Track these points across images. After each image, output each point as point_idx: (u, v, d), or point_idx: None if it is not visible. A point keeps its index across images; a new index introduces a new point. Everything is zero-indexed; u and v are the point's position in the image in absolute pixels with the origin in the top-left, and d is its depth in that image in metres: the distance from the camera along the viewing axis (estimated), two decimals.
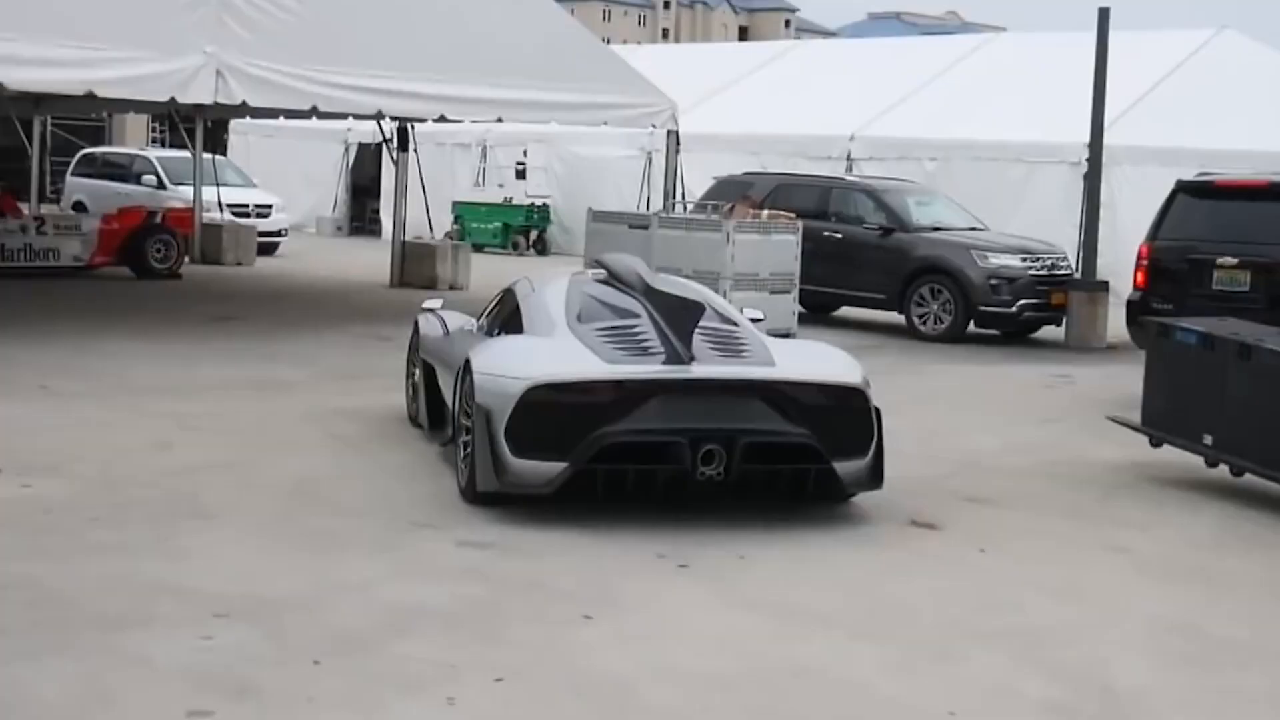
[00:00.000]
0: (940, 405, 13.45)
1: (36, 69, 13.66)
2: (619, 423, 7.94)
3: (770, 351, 8.62)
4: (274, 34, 14.94)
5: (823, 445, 8.20)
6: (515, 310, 9.41)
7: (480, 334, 9.84)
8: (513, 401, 7.98)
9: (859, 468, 8.50)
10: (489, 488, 8.11)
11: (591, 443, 7.89)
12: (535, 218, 31.93)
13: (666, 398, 8.07)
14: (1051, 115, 26.03)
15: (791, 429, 8.18)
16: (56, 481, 8.50)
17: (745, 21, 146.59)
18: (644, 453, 8.02)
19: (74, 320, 16.07)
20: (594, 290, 9.16)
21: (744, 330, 8.93)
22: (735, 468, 8.04)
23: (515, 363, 8.29)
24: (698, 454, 7.95)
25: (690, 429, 7.98)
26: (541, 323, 8.90)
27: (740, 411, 8.16)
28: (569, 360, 8.24)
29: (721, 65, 33.80)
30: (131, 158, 30.11)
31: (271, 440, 10.10)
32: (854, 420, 8.48)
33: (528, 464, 7.99)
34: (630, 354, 8.29)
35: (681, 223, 17.27)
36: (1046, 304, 18.55)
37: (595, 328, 8.59)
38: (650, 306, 8.67)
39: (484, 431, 8.07)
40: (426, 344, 10.61)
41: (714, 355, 8.39)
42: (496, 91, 16.59)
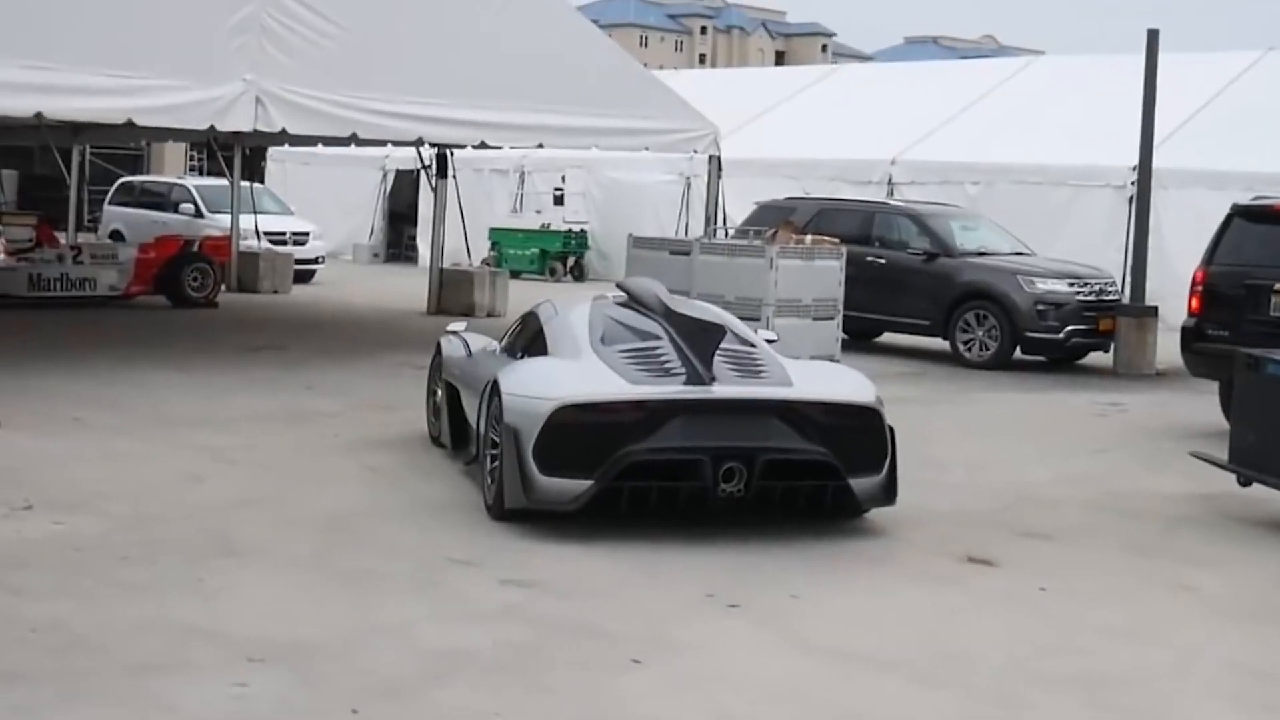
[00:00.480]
0: (989, 435, 13.13)
1: (76, 98, 13.51)
2: (643, 441, 8.19)
3: (787, 372, 8.87)
4: (314, 60, 14.77)
5: (839, 462, 8.44)
6: (539, 333, 9.62)
7: (503, 356, 10.01)
8: (540, 421, 8.20)
9: (874, 484, 8.74)
10: (516, 505, 8.30)
11: (616, 461, 8.13)
12: (573, 244, 31.75)
13: (688, 417, 8.32)
14: (1095, 138, 25.74)
15: (809, 447, 8.42)
16: (87, 518, 8.29)
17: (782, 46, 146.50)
18: (667, 470, 8.28)
19: (109, 350, 15.90)
20: (615, 313, 9.40)
21: (761, 351, 9.16)
22: (755, 484, 8.29)
23: (542, 384, 8.53)
24: (719, 471, 8.21)
25: (711, 447, 8.23)
26: (566, 345, 9.11)
27: (759, 430, 8.40)
28: (594, 381, 8.47)
29: (760, 90, 33.60)
30: (169, 186, 30.06)
31: (306, 473, 9.87)
32: (868, 438, 8.74)
33: (555, 482, 8.21)
34: (652, 375, 8.52)
35: (724, 249, 16.99)
36: (1094, 330, 18.20)
37: (618, 349, 8.80)
38: (670, 328, 8.92)
39: (512, 450, 8.27)
40: (449, 365, 10.82)
41: (733, 376, 8.63)
42: (537, 117, 16.38)
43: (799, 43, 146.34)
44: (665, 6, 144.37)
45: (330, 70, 14.83)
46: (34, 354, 15.22)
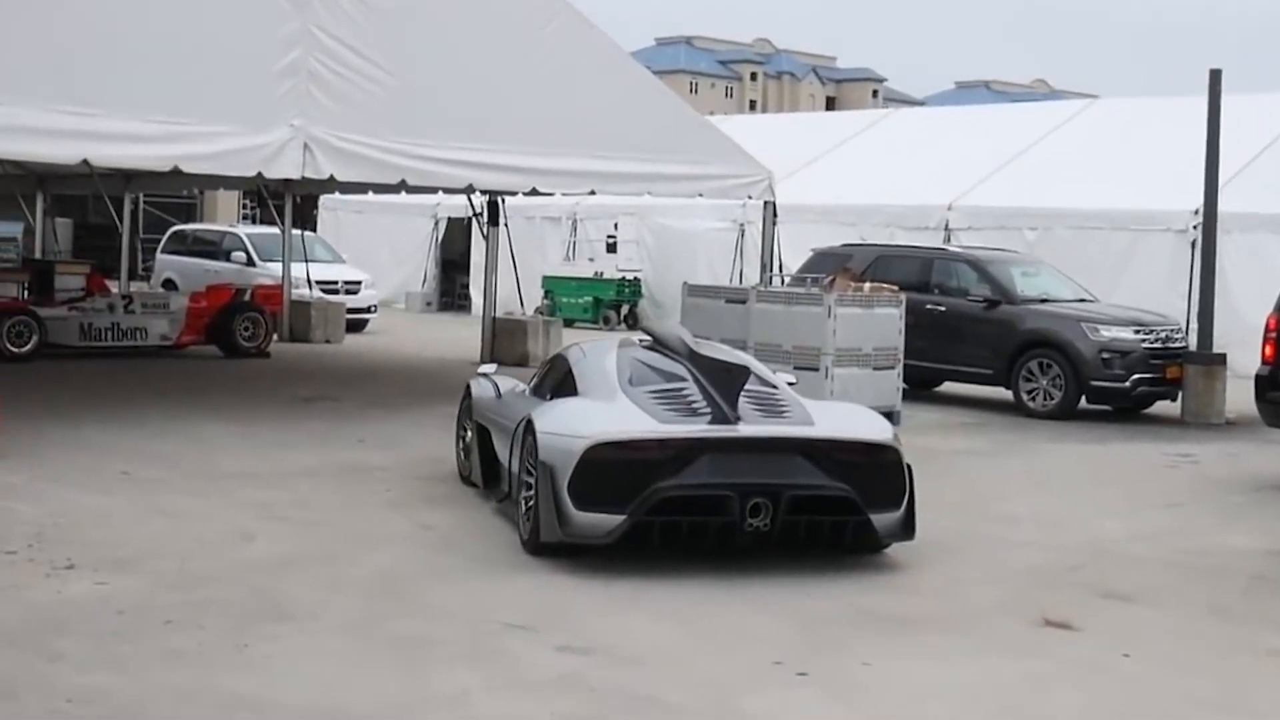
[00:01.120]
0: (1057, 488, 12.76)
1: (122, 145, 13.33)
2: (673, 478, 8.53)
3: (808, 411, 9.25)
4: (363, 106, 14.56)
5: (860, 498, 8.75)
6: (568, 375, 10.02)
7: (532, 397, 10.42)
8: (575, 458, 8.54)
9: (893, 519, 9.02)
10: (552, 539, 8.63)
11: (648, 496, 8.46)
12: (626, 292, 31.51)
13: (716, 455, 8.68)
14: (1155, 182, 25.34)
15: (831, 483, 8.75)
16: (132, 578, 8.05)
17: (833, 92, 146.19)
18: (696, 505, 8.61)
19: (159, 402, 15.73)
20: (641, 356, 9.86)
21: (783, 392, 9.59)
22: (780, 520, 8.62)
23: (576, 422, 8.88)
24: (745, 507, 8.53)
25: (738, 483, 8.56)
26: (596, 386, 9.50)
27: (784, 467, 8.75)
28: (626, 420, 8.83)
29: (813, 135, 33.29)
30: (221, 234, 30.04)
31: (357, 531, 9.61)
32: (888, 475, 9.03)
33: (589, 516, 8.53)
34: (680, 414, 8.90)
35: (781, 296, 16.68)
36: (1161, 378, 17.79)
37: (646, 390, 9.21)
38: (695, 370, 9.33)
39: (548, 486, 8.62)
40: (479, 406, 11.19)
41: (757, 415, 9.02)
42: (589, 163, 16.13)
43: (850, 88, 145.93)
44: (716, 53, 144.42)
45: (379, 116, 14.62)
46: (84, 405, 15.07)
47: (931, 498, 11.62)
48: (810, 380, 15.55)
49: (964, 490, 12.29)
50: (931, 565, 9.21)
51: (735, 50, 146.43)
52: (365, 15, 14.69)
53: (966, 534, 10.29)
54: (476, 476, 11.07)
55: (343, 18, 14.56)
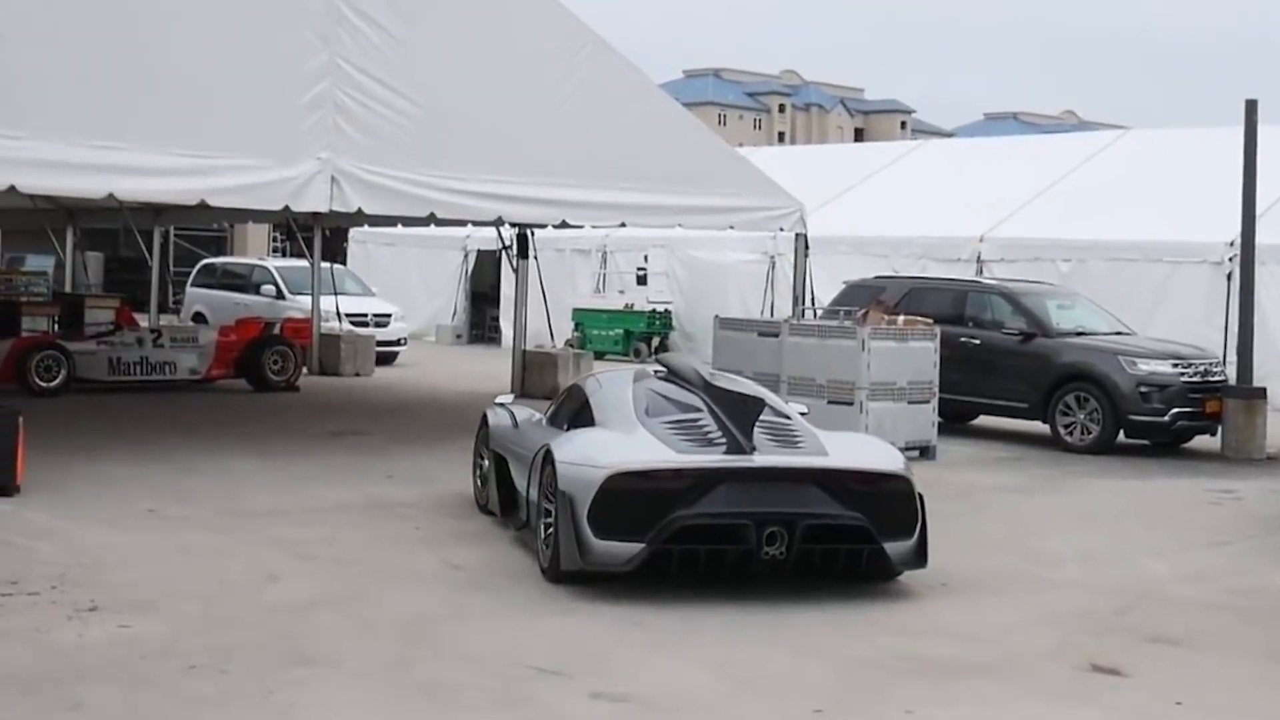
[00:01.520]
0: (1098, 525, 12.49)
1: (148, 179, 13.20)
2: (691, 507, 8.66)
3: (822, 442, 9.38)
4: (390, 138, 14.42)
5: (874, 527, 8.88)
6: (584, 405, 10.18)
7: (549, 427, 10.55)
8: (595, 488, 8.69)
9: (906, 548, 9.12)
10: (572, 567, 8.77)
11: (667, 525, 8.60)
12: (657, 324, 31.32)
13: (733, 484, 8.82)
14: (1190, 213, 25.07)
15: (846, 512, 8.88)
16: (155, 621, 7.87)
17: (861, 124, 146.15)
18: (714, 534, 8.73)
19: (187, 436, 15.60)
20: (656, 387, 10.03)
21: (796, 423, 9.75)
22: (796, 548, 8.75)
23: (596, 453, 9.02)
24: (762, 535, 8.67)
25: (755, 513, 8.71)
26: (613, 417, 9.67)
27: (799, 497, 8.88)
28: (644, 451, 8.97)
29: (842, 167, 33.09)
30: (251, 268, 29.98)
31: (386, 571, 9.42)
32: (901, 504, 9.14)
33: (609, 545, 8.66)
34: (697, 445, 9.06)
35: (814, 329, 16.49)
36: (1201, 412, 17.50)
37: (663, 421, 9.37)
38: (709, 401, 9.48)
39: (568, 515, 8.77)
40: (496, 436, 11.37)
41: (772, 446, 9.17)
42: (619, 195, 15.96)
43: (878, 120, 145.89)
44: (744, 85, 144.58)
45: (407, 148, 14.47)
46: (111, 440, 14.95)
47: (971, 536, 11.48)
48: (844, 415, 15.39)
49: (1004, 527, 12.06)
50: (973, 606, 8.99)
51: (763, 82, 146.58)
52: (393, 47, 14.56)
53: (1008, 573, 10.06)
54: (494, 505, 11.23)
55: (370, 50, 14.44)
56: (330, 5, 14.25)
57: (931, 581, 9.59)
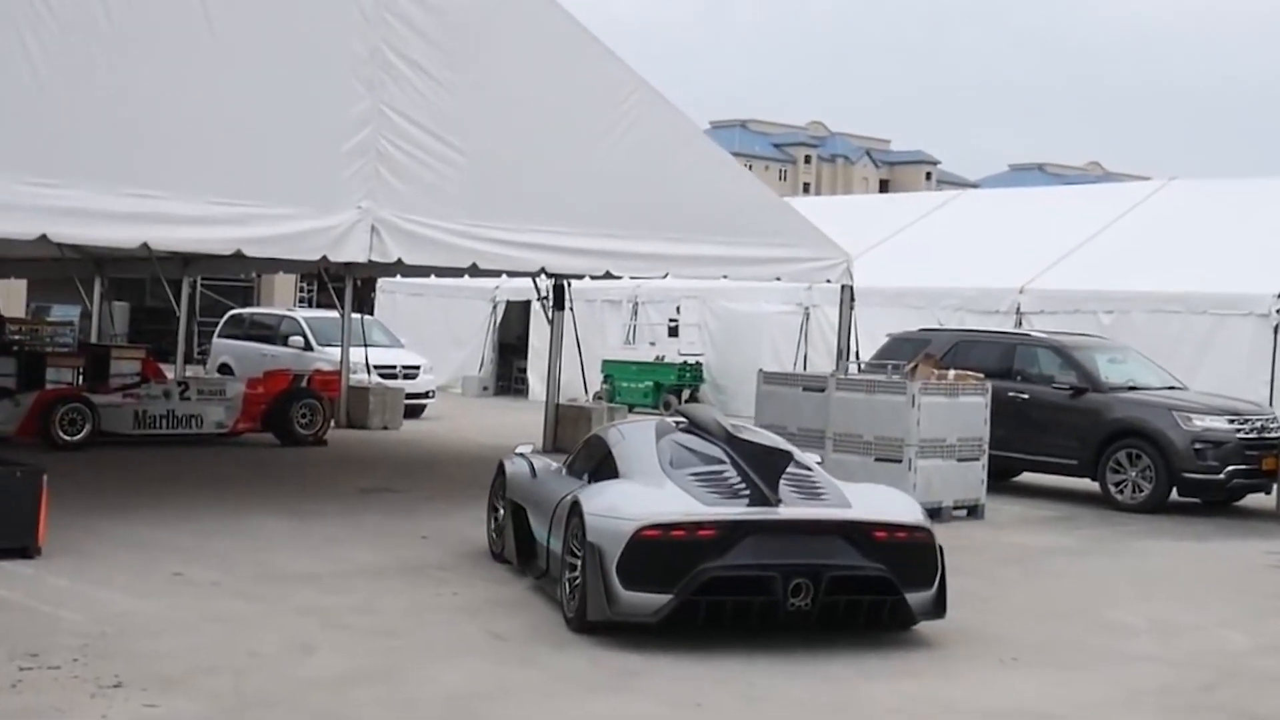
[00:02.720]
0: (1165, 591, 11.96)
1: (182, 227, 12.72)
2: (718, 559, 8.73)
3: (844, 493, 9.50)
4: (433, 187, 13.94)
5: (896, 578, 8.98)
6: (607, 456, 10.26)
7: (568, 477, 10.66)
8: (624, 540, 8.76)
9: (926, 598, 9.22)
10: (599, 618, 8.83)
11: (695, 577, 8.67)
12: (688, 376, 30.86)
13: (759, 536, 8.87)
14: (1234, 264, 24.60)
15: (869, 564, 8.97)
16: (183, 699, 7.37)
17: (886, 175, 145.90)
18: (741, 586, 8.81)
19: (214, 494, 15.14)
20: (679, 438, 10.13)
21: (818, 474, 9.87)
22: (821, 599, 8.83)
23: (625, 505, 9.08)
24: (788, 587, 8.75)
25: (781, 564, 8.79)
26: (637, 468, 9.77)
27: (824, 548, 8.96)
28: (672, 503, 9.05)
29: (876, 218, 32.60)
30: (279, 319, 29.61)
31: (425, 642, 8.92)
32: (922, 555, 9.24)
33: (637, 596, 8.74)
34: (723, 496, 9.16)
35: (862, 384, 15.98)
36: (1257, 470, 16.97)
37: (687, 473, 9.48)
38: (732, 453, 9.58)
39: (596, 566, 8.83)
40: (514, 485, 11.43)
41: (796, 497, 9.28)
42: (664, 246, 15.47)
43: (903, 171, 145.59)
44: (770, 136, 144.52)
45: (449, 197, 14.00)
46: (136, 498, 14.49)
47: (1036, 603, 10.99)
48: (892, 472, 14.91)
49: (1068, 595, 11.54)
50: (1050, 682, 8.49)
51: (789, 133, 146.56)
52: (437, 94, 14.12)
53: (1079, 645, 9.55)
54: (510, 554, 11.30)
55: (415, 97, 14.00)
56: (375, 50, 13.83)
57: (1003, 654, 9.11)
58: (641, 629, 8.83)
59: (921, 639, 9.34)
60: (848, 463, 15.12)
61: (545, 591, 10.18)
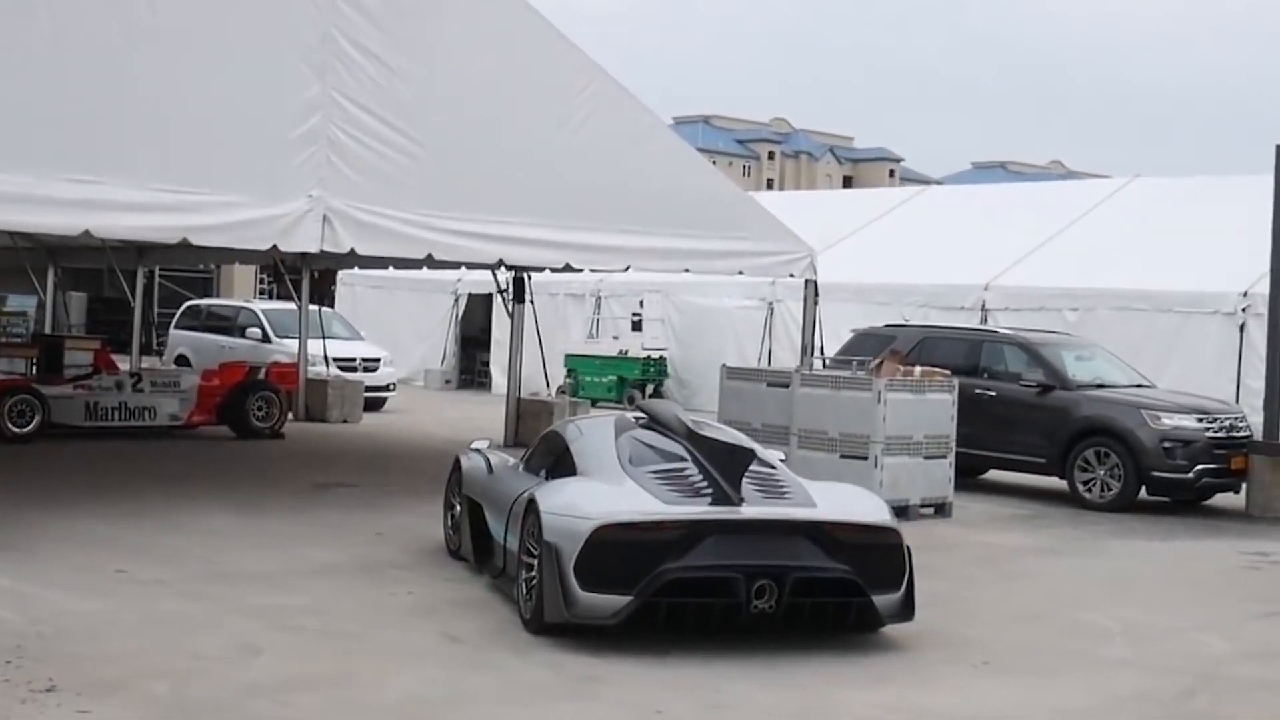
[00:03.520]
0: (1138, 593, 11.70)
1: (126, 215, 12.28)
2: (679, 559, 8.47)
3: (809, 492, 9.24)
4: (388, 176, 13.57)
5: (863, 580, 8.73)
6: (565, 452, 9.97)
7: (525, 474, 10.35)
8: (582, 539, 8.48)
9: (893, 601, 8.97)
10: (557, 619, 8.54)
11: (655, 578, 8.40)
12: (651, 371, 30.53)
13: (721, 536, 8.61)
14: (1200, 263, 24.43)
15: (835, 565, 8.72)
16: (119, 704, 7.02)
17: (850, 171, 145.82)
18: (703, 587, 8.54)
19: (165, 488, 14.75)
20: (639, 435, 9.80)
21: (782, 472, 9.58)
22: (785, 602, 8.56)
23: (582, 503, 8.79)
24: (751, 588, 8.48)
25: (744, 565, 8.52)
26: (595, 465, 9.47)
27: (789, 549, 8.70)
28: (631, 501, 8.78)
29: (840, 213, 32.29)
30: (236, 310, 29.20)
31: (378, 644, 8.59)
32: (889, 556, 8.99)
33: (595, 597, 8.46)
34: (684, 495, 8.88)
35: (827, 380, 15.70)
36: (1226, 469, 16.77)
37: (647, 470, 9.19)
38: (694, 450, 9.28)
39: (553, 567, 8.54)
40: (470, 481, 11.16)
41: (760, 497, 9.01)
42: (625, 238, 15.13)
43: (866, 168, 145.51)
44: (734, 132, 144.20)
45: (404, 186, 13.63)
46: (83, 492, 14.10)
47: (1007, 604, 10.74)
48: (858, 470, 14.65)
49: (1039, 596, 11.29)
50: (1031, 689, 8.23)
51: (753, 130, 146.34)
52: (390, 81, 13.74)
53: (1053, 649, 9.29)
54: (467, 552, 11.04)
55: (367, 83, 13.62)
56: (326, 36, 13.43)
57: (976, 658, 8.85)
58: (600, 631, 8.55)
59: (890, 642, 9.07)
60: (813, 460, 14.85)
61: (503, 591, 9.90)
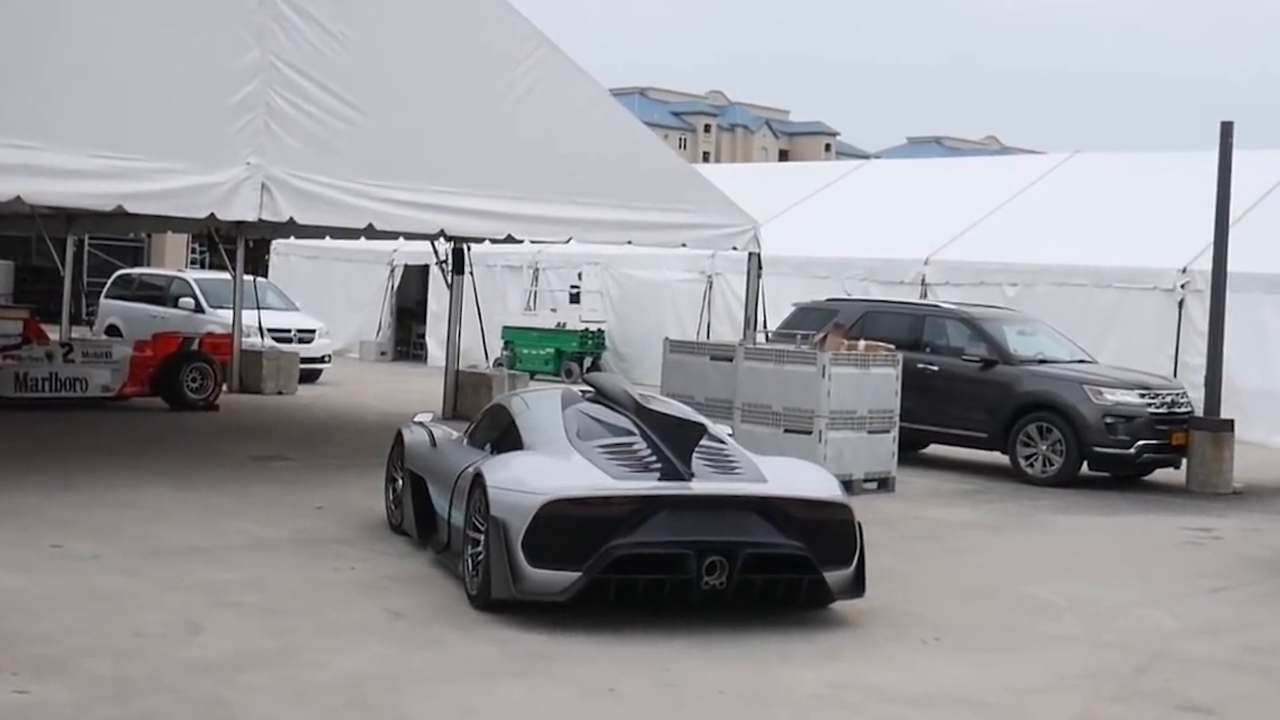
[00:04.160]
0: (1084, 569, 11.67)
1: (60, 181, 12.00)
2: (629, 535, 8.33)
3: (759, 468, 9.15)
4: (328, 144, 13.33)
5: (814, 556, 8.63)
6: (510, 426, 9.83)
7: (469, 447, 10.25)
8: (530, 515, 8.32)
9: (845, 576, 8.88)
10: (504, 595, 8.40)
11: (605, 554, 8.26)
12: (589, 343, 30.38)
13: (672, 512, 8.48)
14: (1139, 239, 24.56)
15: (786, 541, 8.61)
16: (58, 684, 6.81)
17: (785, 145, 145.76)
18: (653, 564, 8.40)
19: (98, 461, 14.48)
20: (586, 408, 9.67)
21: (732, 448, 9.45)
22: (736, 578, 8.46)
23: (530, 478, 8.64)
24: (702, 565, 8.38)
25: (695, 541, 8.41)
26: (542, 439, 9.33)
27: (739, 525, 8.59)
28: (580, 476, 8.64)
29: (781, 187, 32.25)
30: (169, 279, 28.72)
31: (320, 621, 8.41)
32: (840, 532, 8.88)
33: (543, 573, 8.31)
34: (633, 470, 8.74)
35: (771, 354, 15.59)
36: (1166, 445, 16.84)
37: (596, 445, 9.05)
38: (643, 424, 9.13)
39: (500, 542, 8.39)
40: (413, 455, 11.00)
41: (710, 472, 8.90)
42: (567, 209, 14.95)
43: (802, 141, 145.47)
44: (670, 104, 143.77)
45: (345, 155, 13.39)
46: (14, 465, 13.80)
47: (954, 580, 10.70)
48: (802, 444, 14.58)
49: (985, 571, 11.24)
50: (975, 665, 8.15)
51: (689, 102, 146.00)
52: (331, 46, 13.49)
53: (1002, 626, 9.24)
54: (409, 527, 10.89)
55: (307, 49, 13.36)
56: None
57: (925, 634, 8.77)
58: (548, 608, 8.42)
59: (840, 619, 8.98)
60: (756, 434, 14.75)
61: (447, 566, 9.77)
